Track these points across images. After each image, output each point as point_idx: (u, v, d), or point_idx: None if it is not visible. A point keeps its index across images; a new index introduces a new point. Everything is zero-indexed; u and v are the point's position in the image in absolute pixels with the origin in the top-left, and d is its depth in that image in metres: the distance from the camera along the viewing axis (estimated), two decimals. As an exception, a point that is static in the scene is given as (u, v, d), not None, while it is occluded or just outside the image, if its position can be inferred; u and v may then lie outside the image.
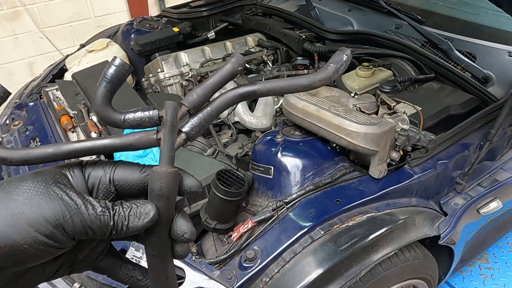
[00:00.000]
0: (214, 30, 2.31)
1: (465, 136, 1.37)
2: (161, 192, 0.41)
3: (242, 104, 1.83)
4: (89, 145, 0.44)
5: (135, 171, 0.44)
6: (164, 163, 0.42)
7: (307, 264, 1.06)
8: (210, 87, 0.45)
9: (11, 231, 0.36)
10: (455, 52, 1.69)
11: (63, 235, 0.38)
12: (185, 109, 0.44)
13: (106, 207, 0.40)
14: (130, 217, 0.41)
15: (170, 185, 0.42)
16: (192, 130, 0.44)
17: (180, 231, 0.44)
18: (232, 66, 0.45)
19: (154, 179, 0.41)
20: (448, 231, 1.29)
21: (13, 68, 3.56)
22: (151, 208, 0.41)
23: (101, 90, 0.43)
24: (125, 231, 0.41)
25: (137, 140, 0.44)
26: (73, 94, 1.77)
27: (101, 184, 0.44)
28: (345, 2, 2.24)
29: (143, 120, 0.44)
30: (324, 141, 1.30)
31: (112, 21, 3.61)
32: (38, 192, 0.38)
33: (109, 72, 0.43)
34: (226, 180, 1.18)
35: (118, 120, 0.44)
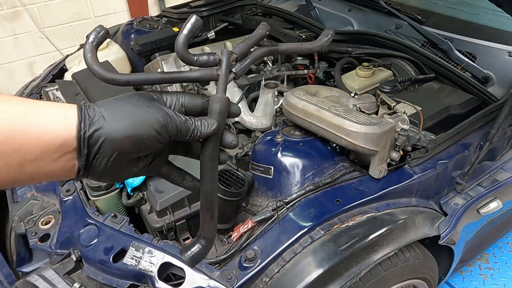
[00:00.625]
0: (214, 30, 2.31)
1: (465, 136, 1.37)
2: (220, 110, 0.58)
3: (242, 104, 1.83)
4: (171, 76, 0.61)
5: (198, 98, 0.61)
6: (220, 91, 0.59)
7: (307, 264, 1.06)
8: (250, 43, 0.66)
9: (137, 126, 0.51)
10: (455, 52, 1.69)
11: (166, 133, 0.53)
12: (235, 56, 0.63)
13: (186, 117, 0.56)
14: (202, 126, 0.56)
15: (225, 106, 0.58)
16: (239, 71, 0.63)
17: (229, 140, 0.61)
18: (263, 31, 0.68)
19: (214, 101, 0.58)
20: (448, 231, 1.29)
21: (13, 68, 3.56)
22: (214, 121, 0.57)
23: (182, 36, 0.59)
24: (199, 136, 0.56)
25: (204, 74, 0.61)
26: (73, 94, 1.77)
27: (176, 105, 0.59)
28: (345, 2, 2.24)
29: (209, 60, 0.62)
30: (324, 141, 1.30)
31: (112, 21, 3.61)
32: (147, 104, 0.54)
33: (189, 23, 0.59)
34: (226, 180, 1.18)
35: (192, 59, 0.61)
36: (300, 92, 1.36)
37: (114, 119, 0.50)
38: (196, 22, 0.59)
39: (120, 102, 0.53)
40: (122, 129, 0.50)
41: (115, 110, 0.51)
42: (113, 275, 1.09)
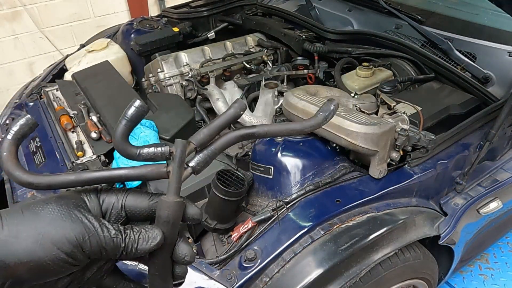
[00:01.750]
0: (214, 30, 2.31)
1: (465, 136, 1.37)
2: (167, 219, 0.47)
3: (242, 104, 1.83)
4: (107, 174, 0.50)
5: (145, 199, 0.50)
6: (171, 193, 0.48)
7: (307, 264, 1.06)
8: (215, 128, 0.52)
9: (37, 248, 0.41)
10: (455, 52, 1.69)
11: (81, 254, 0.43)
12: (193, 146, 0.50)
13: (119, 230, 0.45)
14: (139, 240, 0.46)
15: (176, 213, 0.48)
16: (198, 165, 0.51)
17: (182, 254, 0.50)
18: (235, 111, 0.53)
19: (162, 207, 0.47)
20: (448, 231, 1.29)
21: (13, 68, 3.56)
22: (158, 233, 0.47)
23: (121, 127, 0.49)
24: (134, 253, 0.46)
25: (149, 172, 0.50)
26: (73, 94, 1.77)
27: (114, 209, 0.49)
28: (345, 2, 2.23)
29: (156, 154, 0.50)
30: (324, 141, 1.30)
31: (112, 21, 3.61)
32: (62, 215, 0.43)
33: (129, 112, 0.48)
34: (226, 180, 1.18)
35: (134, 153, 0.50)
36: (300, 92, 1.36)
37: (9, 238, 0.40)
38: (139, 109, 0.48)
39: (28, 212, 0.43)
40: (16, 253, 0.40)
41: (14, 224, 0.41)
42: (113, 275, 1.09)
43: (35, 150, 1.57)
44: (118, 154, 1.37)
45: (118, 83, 1.79)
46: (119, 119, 0.49)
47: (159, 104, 1.67)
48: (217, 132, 0.52)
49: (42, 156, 1.52)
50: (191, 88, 1.92)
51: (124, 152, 0.50)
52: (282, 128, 0.56)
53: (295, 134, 0.51)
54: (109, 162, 1.43)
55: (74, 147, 1.51)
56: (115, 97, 1.68)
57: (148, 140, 1.35)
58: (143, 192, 0.51)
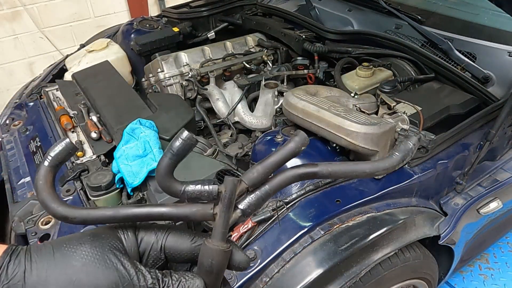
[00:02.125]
0: (214, 30, 2.31)
1: (465, 136, 1.37)
2: (210, 269, 0.43)
3: (242, 104, 1.83)
4: (147, 211, 0.45)
5: (186, 240, 0.46)
6: (217, 239, 0.43)
7: (307, 264, 1.06)
8: (270, 166, 0.46)
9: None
10: (455, 52, 1.69)
11: None
12: (245, 186, 0.45)
13: (156, 278, 0.41)
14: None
15: (220, 262, 0.43)
16: (249, 208, 0.45)
17: None
18: (295, 145, 0.46)
19: (205, 254, 0.43)
20: (448, 231, 1.29)
21: (13, 68, 3.56)
22: (200, 284, 0.42)
23: (166, 161, 0.44)
24: None
25: (194, 213, 0.45)
26: (73, 94, 1.77)
27: (152, 250, 0.45)
28: (345, 2, 2.24)
29: (202, 194, 0.44)
30: (324, 141, 1.30)
31: (112, 21, 3.61)
32: (95, 260, 0.40)
33: (176, 145, 0.43)
34: (226, 180, 1.17)
35: (178, 191, 0.45)
36: (300, 92, 1.36)
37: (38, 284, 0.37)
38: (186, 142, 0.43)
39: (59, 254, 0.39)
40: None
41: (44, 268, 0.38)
42: (113, 275, 1.09)
43: (35, 150, 1.57)
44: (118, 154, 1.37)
45: (118, 83, 1.79)
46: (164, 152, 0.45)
47: (159, 104, 1.67)
48: (272, 170, 0.46)
49: (42, 156, 1.52)
50: (191, 88, 1.92)
51: (167, 189, 0.45)
52: (349, 169, 0.49)
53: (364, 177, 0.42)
54: (109, 162, 1.43)
55: (74, 147, 1.50)
56: (115, 97, 1.68)
57: (148, 140, 1.35)
58: (185, 232, 0.47)
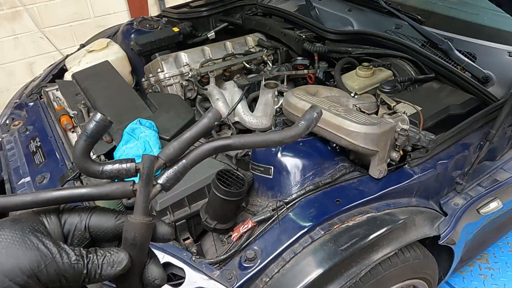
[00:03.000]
0: (214, 30, 2.31)
1: (465, 136, 1.37)
2: (134, 242, 0.44)
3: (242, 104, 1.83)
4: (67, 193, 0.45)
5: (110, 218, 0.46)
6: (139, 213, 0.44)
7: (307, 264, 1.06)
8: (186, 141, 0.48)
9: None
10: (455, 52, 1.69)
11: (37, 284, 0.39)
12: (162, 162, 0.46)
13: (80, 255, 0.42)
14: (104, 265, 0.42)
15: (143, 235, 0.44)
16: (167, 182, 0.47)
17: (151, 277, 0.46)
18: (209, 121, 0.48)
19: (128, 229, 0.44)
20: (448, 231, 1.29)
21: (13, 68, 3.56)
22: (124, 257, 0.43)
23: (81, 143, 0.45)
24: (98, 279, 0.42)
25: (114, 191, 0.46)
26: (73, 94, 1.77)
27: (77, 230, 0.45)
28: (345, 2, 2.24)
29: (121, 172, 0.46)
30: (324, 141, 1.30)
31: (112, 21, 3.61)
32: (15, 242, 0.39)
33: (89, 127, 0.44)
34: (226, 180, 1.18)
35: (96, 171, 0.46)
36: (300, 92, 1.36)
37: None
38: (99, 124, 0.44)
39: None
40: None
41: None
42: (113, 275, 1.09)
43: (35, 150, 1.57)
44: (118, 154, 1.37)
45: (118, 83, 1.79)
46: (79, 134, 0.45)
47: (159, 104, 1.67)
48: (188, 145, 0.48)
49: (42, 156, 1.52)
50: (191, 88, 1.92)
51: (85, 170, 0.46)
52: (259, 140, 0.51)
53: (274, 146, 0.50)
54: (109, 162, 1.43)
55: (74, 147, 1.50)
56: (115, 97, 1.68)
57: (148, 140, 1.35)
58: (109, 211, 0.48)
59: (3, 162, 1.65)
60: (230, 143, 0.50)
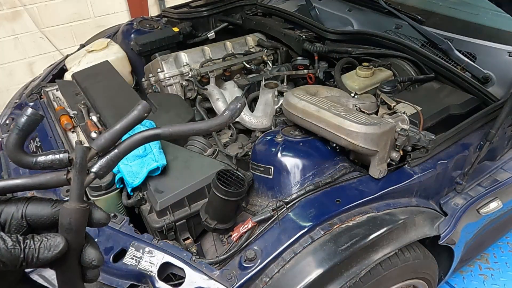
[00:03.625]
0: (214, 30, 2.31)
1: (465, 136, 1.37)
2: (70, 226, 0.46)
3: (242, 104, 1.83)
4: (2, 184, 0.48)
5: (47, 206, 0.48)
6: (73, 200, 0.47)
7: (307, 264, 1.06)
8: (117, 132, 0.51)
9: None
10: (455, 52, 1.69)
11: None
12: (94, 152, 0.50)
13: (17, 241, 0.44)
14: (40, 250, 0.44)
15: (79, 219, 0.47)
16: (100, 170, 0.50)
17: (89, 259, 0.49)
18: (138, 113, 0.51)
19: (63, 214, 0.46)
20: (448, 231, 1.29)
21: (13, 68, 3.56)
22: (61, 241, 0.45)
23: (13, 137, 0.47)
24: (36, 262, 0.44)
25: (48, 180, 0.49)
26: (73, 94, 1.77)
27: (14, 219, 0.47)
28: (345, 2, 2.24)
29: (54, 162, 0.48)
30: (324, 141, 1.30)
31: (112, 21, 3.61)
32: None
33: (20, 121, 0.46)
34: (226, 180, 1.18)
35: (29, 162, 0.48)
36: (300, 92, 1.36)
37: None
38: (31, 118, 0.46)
39: None
40: None
41: None
42: (113, 275, 1.09)
43: (35, 150, 1.57)
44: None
45: (118, 83, 1.79)
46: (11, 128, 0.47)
47: (159, 104, 1.67)
48: (119, 135, 0.51)
49: (42, 156, 1.52)
50: (191, 88, 1.92)
51: (19, 162, 0.48)
52: (187, 128, 0.55)
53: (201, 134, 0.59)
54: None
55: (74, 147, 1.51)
56: (115, 97, 1.68)
57: (148, 140, 1.35)
58: (46, 200, 0.50)
59: (3, 162, 1.65)
60: (159, 132, 0.54)
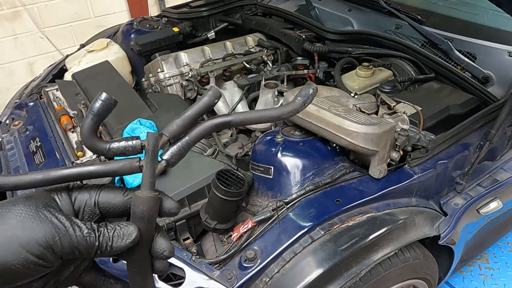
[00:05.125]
0: (214, 30, 2.31)
1: (465, 136, 1.37)
2: (142, 215, 0.46)
3: (242, 104, 1.83)
4: (77, 171, 0.47)
5: (119, 194, 0.48)
6: (146, 188, 0.46)
7: (307, 264, 1.06)
8: (188, 119, 0.50)
9: (3, 252, 0.39)
10: (455, 52, 1.69)
11: (52, 255, 0.41)
12: (166, 139, 0.48)
13: (92, 229, 0.44)
14: (114, 238, 0.44)
15: (151, 208, 0.46)
16: (172, 157, 0.49)
17: (160, 249, 0.48)
18: (209, 99, 0.50)
19: (136, 203, 0.46)
20: (448, 231, 1.29)
21: (13, 68, 3.56)
22: (134, 229, 0.45)
23: (88, 122, 0.46)
24: (109, 251, 0.44)
25: (121, 167, 0.48)
26: (73, 94, 1.77)
27: (87, 207, 0.47)
28: (345, 2, 2.23)
29: (127, 149, 0.48)
30: (324, 141, 1.30)
31: (112, 21, 3.61)
32: (30, 216, 0.41)
33: (95, 106, 0.46)
34: (226, 180, 1.18)
35: (103, 149, 0.48)
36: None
37: None
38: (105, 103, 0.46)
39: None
40: None
41: None
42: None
43: (35, 150, 1.57)
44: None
45: (118, 83, 1.79)
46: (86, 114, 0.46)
47: (159, 104, 1.67)
48: (190, 122, 0.50)
49: (42, 156, 1.52)
50: (191, 88, 1.92)
51: (93, 148, 0.48)
52: (257, 115, 0.52)
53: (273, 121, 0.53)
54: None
55: (74, 147, 1.51)
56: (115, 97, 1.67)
57: (148, 140, 1.35)
58: (117, 188, 0.50)
59: (3, 162, 1.65)
60: (230, 119, 0.51)
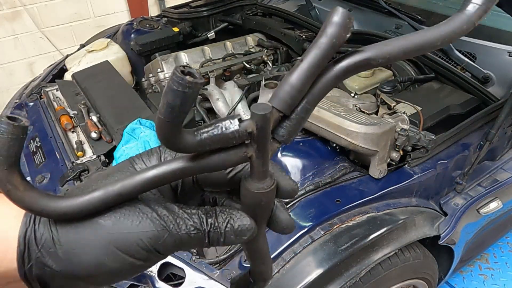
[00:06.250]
0: (214, 30, 2.31)
1: (465, 136, 1.37)
2: (257, 209, 0.37)
3: (242, 104, 1.83)
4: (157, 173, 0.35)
5: (222, 172, 0.39)
6: (259, 179, 0.35)
7: (307, 264, 1.06)
8: (307, 75, 0.32)
9: (106, 261, 0.34)
10: (455, 52, 1.69)
11: (157, 256, 0.36)
12: (279, 115, 0.34)
13: (199, 220, 0.36)
14: (227, 233, 0.36)
15: (268, 200, 0.37)
16: (287, 134, 0.35)
17: (280, 227, 0.40)
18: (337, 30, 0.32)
19: (247, 196, 0.36)
20: (448, 231, 1.29)
21: (13, 68, 3.56)
22: (250, 225, 0.36)
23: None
24: (219, 245, 0.37)
25: (228, 159, 0.35)
26: (73, 94, 1.77)
27: (185, 185, 0.40)
28: (345, 2, 2.24)
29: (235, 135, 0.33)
30: (324, 141, 1.30)
31: (112, 21, 3.61)
32: (126, 214, 0.35)
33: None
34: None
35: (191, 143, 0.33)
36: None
37: (70, 254, 0.34)
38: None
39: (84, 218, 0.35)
40: (85, 265, 0.34)
41: (72, 231, 0.35)
42: (113, 275, 1.09)
43: (35, 150, 1.57)
44: (118, 154, 1.37)
45: (118, 83, 1.79)
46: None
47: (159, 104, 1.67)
48: (311, 80, 0.32)
49: (42, 156, 1.52)
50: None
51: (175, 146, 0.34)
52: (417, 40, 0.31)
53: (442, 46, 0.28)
54: (109, 162, 1.43)
55: (74, 147, 1.51)
56: (115, 97, 1.68)
57: (148, 140, 1.35)
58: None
59: None
60: (369, 56, 0.32)
